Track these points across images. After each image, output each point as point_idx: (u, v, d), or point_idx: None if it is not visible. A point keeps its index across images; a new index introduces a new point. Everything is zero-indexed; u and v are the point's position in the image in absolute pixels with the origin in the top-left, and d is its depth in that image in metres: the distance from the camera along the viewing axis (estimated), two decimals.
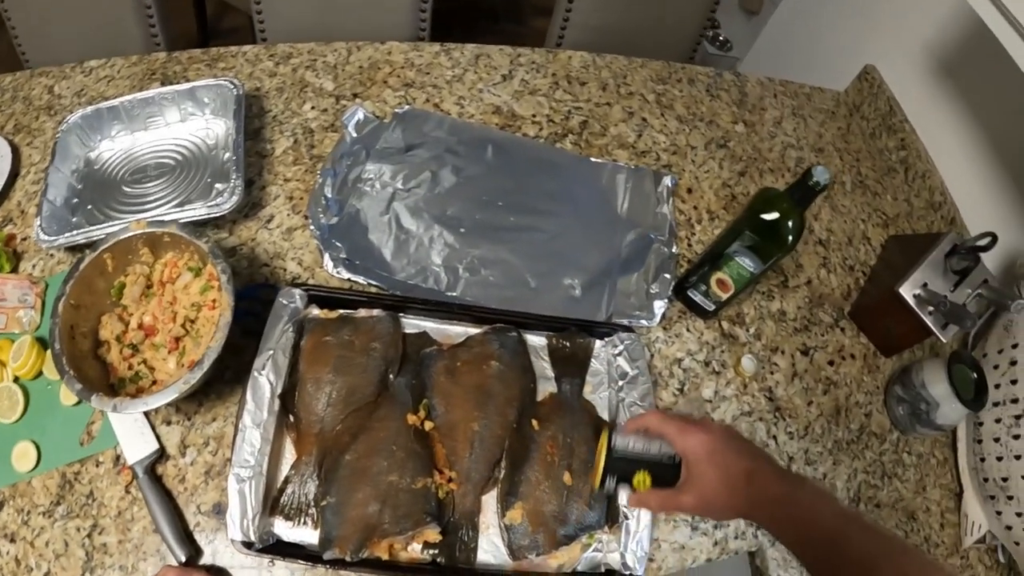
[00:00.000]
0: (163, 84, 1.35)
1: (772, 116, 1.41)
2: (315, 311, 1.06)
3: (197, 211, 1.10)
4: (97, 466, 0.99)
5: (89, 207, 1.21)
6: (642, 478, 0.76)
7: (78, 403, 1.03)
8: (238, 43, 1.45)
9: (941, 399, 1.03)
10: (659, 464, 0.76)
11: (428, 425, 0.96)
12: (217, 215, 1.10)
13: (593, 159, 1.27)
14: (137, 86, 1.37)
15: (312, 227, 1.15)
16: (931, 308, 1.06)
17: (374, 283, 1.10)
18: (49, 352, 1.04)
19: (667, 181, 1.24)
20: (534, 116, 1.34)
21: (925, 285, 1.08)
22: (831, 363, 1.14)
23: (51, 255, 1.18)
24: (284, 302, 1.01)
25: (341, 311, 1.05)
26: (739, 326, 1.14)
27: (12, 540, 0.94)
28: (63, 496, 0.97)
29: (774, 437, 1.06)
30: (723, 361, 1.11)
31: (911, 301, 1.08)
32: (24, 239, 1.21)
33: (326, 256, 1.12)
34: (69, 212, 1.20)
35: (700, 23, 1.71)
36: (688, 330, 1.12)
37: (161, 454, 0.98)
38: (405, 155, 1.23)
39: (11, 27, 1.69)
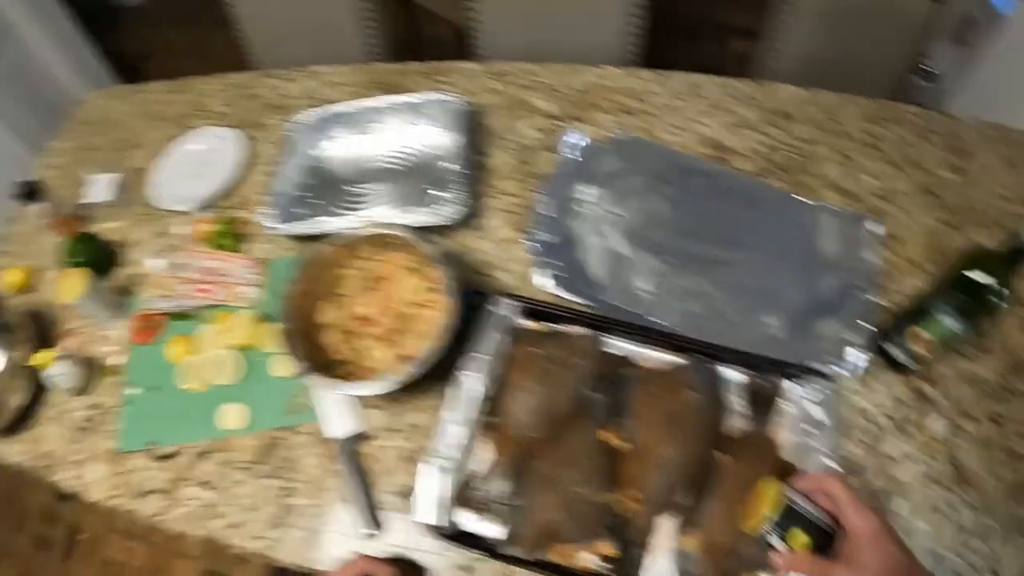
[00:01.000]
0: (385, 93, 1.44)
1: (985, 164, 1.33)
2: (524, 322, 1.11)
3: (421, 216, 1.19)
4: (300, 435, 1.09)
5: (312, 200, 1.33)
6: (798, 536, 0.75)
7: (292, 376, 1.14)
8: (443, 55, 1.55)
9: None
10: (818, 528, 0.75)
11: (619, 444, 0.99)
12: (439, 223, 1.19)
13: (799, 198, 1.26)
14: (361, 93, 1.47)
15: (528, 242, 1.21)
16: None
17: (581, 301, 1.15)
18: (264, 326, 1.19)
19: (872, 227, 1.21)
20: (743, 150, 1.35)
21: None
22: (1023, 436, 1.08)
23: (272, 240, 1.30)
24: (496, 310, 1.08)
25: (548, 324, 1.11)
26: (931, 385, 1.09)
27: (210, 487, 1.06)
28: (264, 458, 1.07)
29: (950, 505, 1.01)
30: (911, 419, 1.06)
31: None
32: (248, 223, 1.34)
33: (538, 271, 1.18)
34: (294, 203, 1.32)
35: (911, 55, 1.64)
36: (879, 383, 1.09)
37: (362, 434, 1.07)
38: (618, 180, 1.28)
39: (239, 27, 1.87)
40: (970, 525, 0.99)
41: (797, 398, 1.04)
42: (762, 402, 1.05)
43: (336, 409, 1.09)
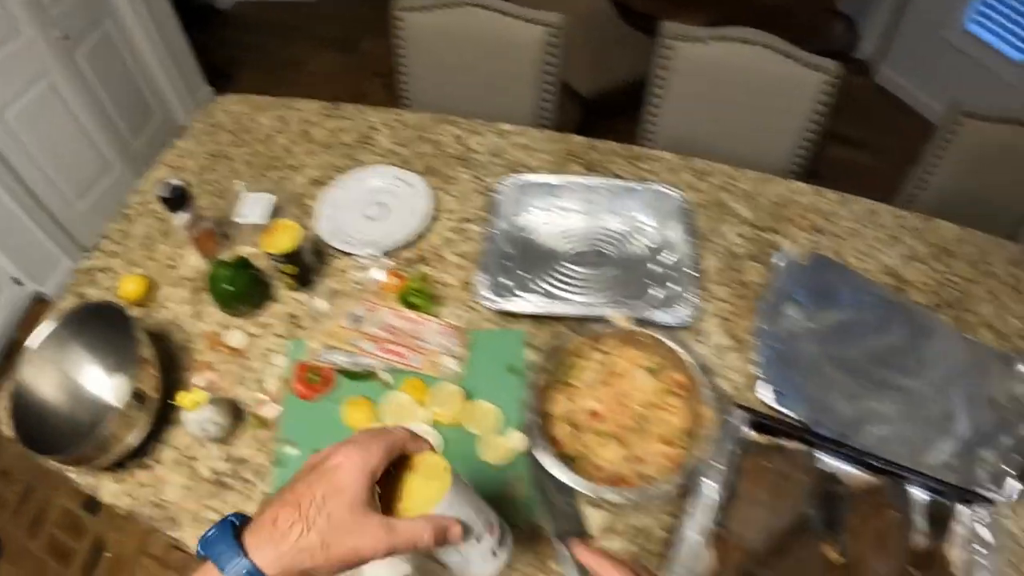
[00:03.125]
0: (584, 168, 1.44)
1: None
2: (751, 433, 1.13)
3: (656, 316, 1.18)
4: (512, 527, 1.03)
5: (521, 274, 1.29)
6: None
7: (500, 462, 1.09)
8: (563, 117, 1.58)
9: None
10: None
11: (835, 558, 1.04)
12: (673, 324, 1.18)
13: (967, 336, 1.35)
14: (557, 164, 1.46)
15: (753, 354, 1.23)
16: None
17: (798, 417, 1.18)
18: (470, 404, 1.13)
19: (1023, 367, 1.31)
20: (918, 283, 1.41)
21: None
22: None
23: (473, 308, 1.25)
24: (732, 421, 1.09)
25: (771, 438, 1.13)
26: None
27: None
28: None
29: None
30: None
31: None
32: (442, 284, 1.28)
33: (762, 384, 1.20)
34: (500, 272, 1.27)
35: None
36: None
37: (583, 533, 1.03)
38: (821, 301, 1.32)
39: (402, 66, 1.82)
40: None
41: (967, 520, 1.11)
42: (939, 521, 1.11)
43: (554, 505, 1.05)
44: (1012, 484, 1.18)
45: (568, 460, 1.06)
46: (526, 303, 1.21)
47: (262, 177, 1.49)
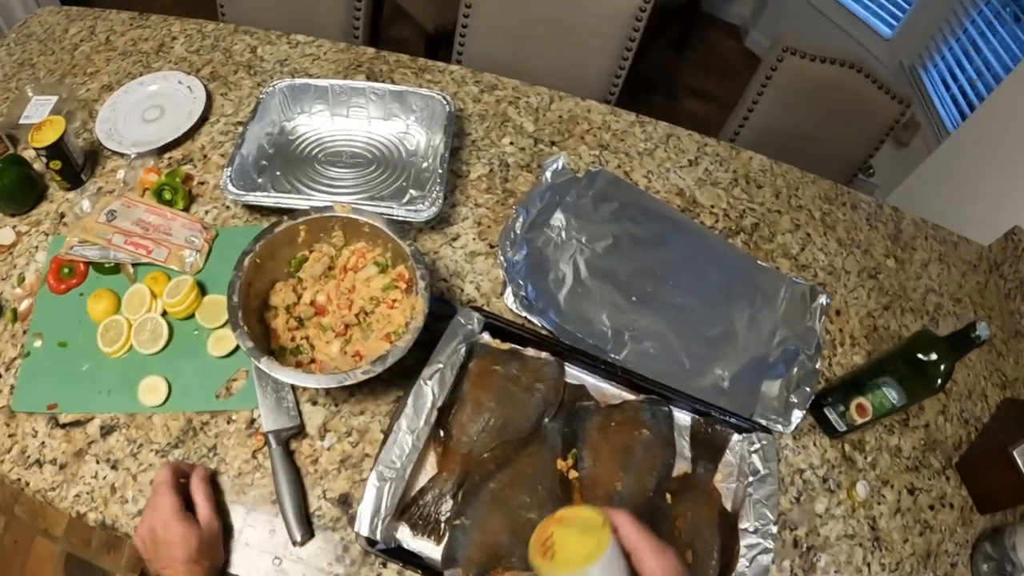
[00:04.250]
0: (368, 79, 1.41)
1: (921, 257, 1.45)
2: (487, 338, 1.08)
3: (395, 211, 1.14)
4: (228, 423, 1.00)
5: (277, 173, 1.26)
6: None
7: (226, 356, 1.06)
8: (404, 51, 1.53)
9: None
10: None
11: (572, 474, 0.98)
12: (412, 220, 1.14)
13: (760, 262, 1.31)
14: (341, 73, 1.43)
15: (501, 258, 1.18)
16: None
17: (546, 327, 1.13)
18: (205, 298, 1.10)
19: (822, 299, 1.27)
20: (712, 207, 1.39)
21: None
22: (932, 507, 1.15)
23: (227, 207, 1.22)
24: (462, 321, 1.03)
25: (511, 345, 1.08)
26: (859, 452, 1.16)
27: (114, 467, 0.95)
28: (183, 440, 0.98)
29: (868, 564, 1.06)
30: (839, 481, 1.12)
31: (1020, 463, 1.10)
32: (201, 183, 1.25)
33: (508, 289, 1.15)
34: (255, 172, 1.25)
35: (868, 150, 1.77)
36: (814, 444, 1.14)
37: (300, 431, 0.99)
38: (593, 213, 1.28)
39: None
40: None
41: (742, 450, 1.06)
42: (708, 448, 1.07)
43: (272, 400, 1.01)
44: (797, 416, 1.14)
45: (287, 353, 1.01)
46: (267, 197, 1.16)
47: (59, 84, 1.45)
